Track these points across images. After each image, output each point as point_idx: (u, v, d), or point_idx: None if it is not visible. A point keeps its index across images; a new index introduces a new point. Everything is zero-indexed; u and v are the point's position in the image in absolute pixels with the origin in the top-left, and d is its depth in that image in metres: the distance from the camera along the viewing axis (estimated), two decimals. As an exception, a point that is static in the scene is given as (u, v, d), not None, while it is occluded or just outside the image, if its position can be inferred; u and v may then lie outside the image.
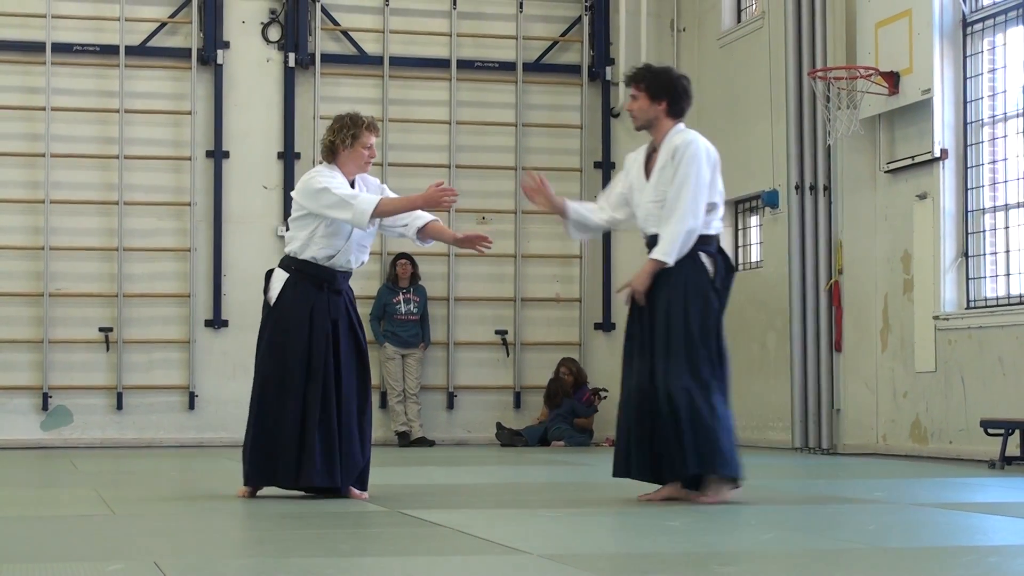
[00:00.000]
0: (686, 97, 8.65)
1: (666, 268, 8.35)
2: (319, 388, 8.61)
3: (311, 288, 8.70)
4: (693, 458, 8.20)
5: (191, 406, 16.13)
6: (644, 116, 8.59)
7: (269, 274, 8.90)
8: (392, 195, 8.95)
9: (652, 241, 8.46)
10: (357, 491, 8.67)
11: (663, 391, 8.22)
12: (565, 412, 16.31)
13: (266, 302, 8.81)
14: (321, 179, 8.60)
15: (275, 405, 8.63)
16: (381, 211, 8.62)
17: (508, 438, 16.23)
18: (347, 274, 8.87)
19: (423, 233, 8.96)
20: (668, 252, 8.33)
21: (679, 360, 8.28)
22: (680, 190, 8.32)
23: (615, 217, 8.85)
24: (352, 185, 8.80)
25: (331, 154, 8.82)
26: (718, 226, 8.48)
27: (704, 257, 8.41)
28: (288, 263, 8.77)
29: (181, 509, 8.30)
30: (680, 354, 8.29)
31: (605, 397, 16.42)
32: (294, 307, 8.68)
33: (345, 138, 8.77)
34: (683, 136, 8.53)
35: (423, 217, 8.96)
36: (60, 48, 16.06)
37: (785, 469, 12.25)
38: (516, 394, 16.90)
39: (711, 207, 8.39)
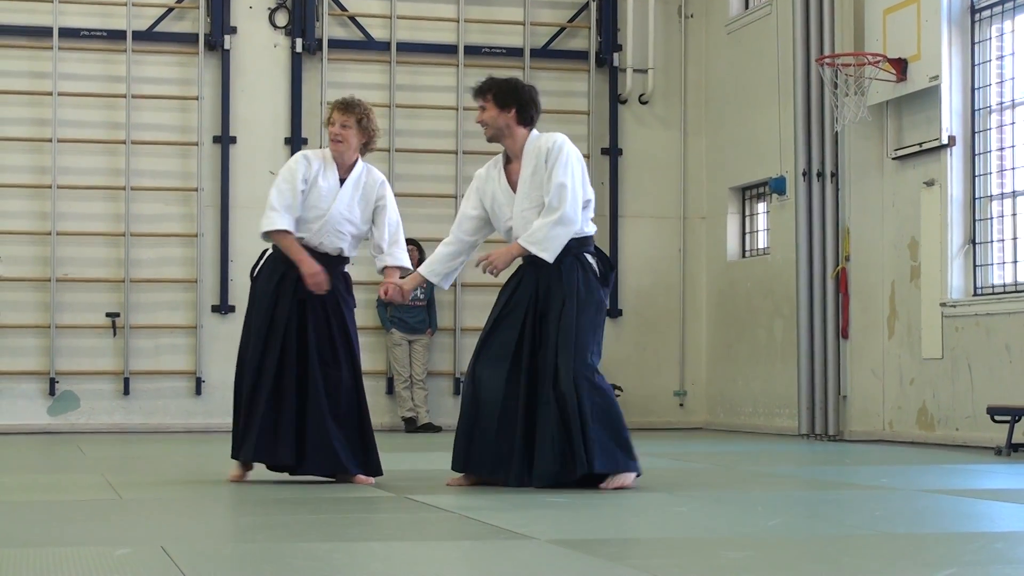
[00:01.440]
0: (533, 105, 8.63)
1: (556, 269, 8.36)
2: (274, 363, 8.74)
3: (282, 266, 8.87)
4: (601, 456, 8.22)
5: (198, 391, 16.14)
6: (495, 125, 8.59)
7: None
8: (390, 197, 9.12)
9: None
10: (363, 477, 8.70)
11: (570, 393, 8.19)
12: None
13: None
14: (282, 175, 8.89)
15: (239, 380, 8.89)
16: (275, 240, 8.88)
17: (514, 424, 16.22)
18: (325, 256, 8.89)
19: (381, 271, 9.19)
20: (545, 246, 8.30)
21: (581, 363, 8.26)
22: (561, 191, 8.32)
23: (477, 242, 8.86)
24: (348, 173, 8.94)
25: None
26: (593, 227, 8.56)
27: (589, 258, 8.46)
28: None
29: (188, 494, 8.32)
30: (580, 357, 8.27)
31: (619, 395, 16.40)
32: (262, 283, 8.93)
33: (328, 118, 9.05)
34: (549, 138, 8.53)
35: (389, 259, 9.12)
36: (67, 33, 16.05)
37: (791, 456, 12.26)
38: (523, 380, 16.89)
39: (585, 204, 8.45)
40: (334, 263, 8.98)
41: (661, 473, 10.18)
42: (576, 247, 8.43)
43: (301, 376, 8.76)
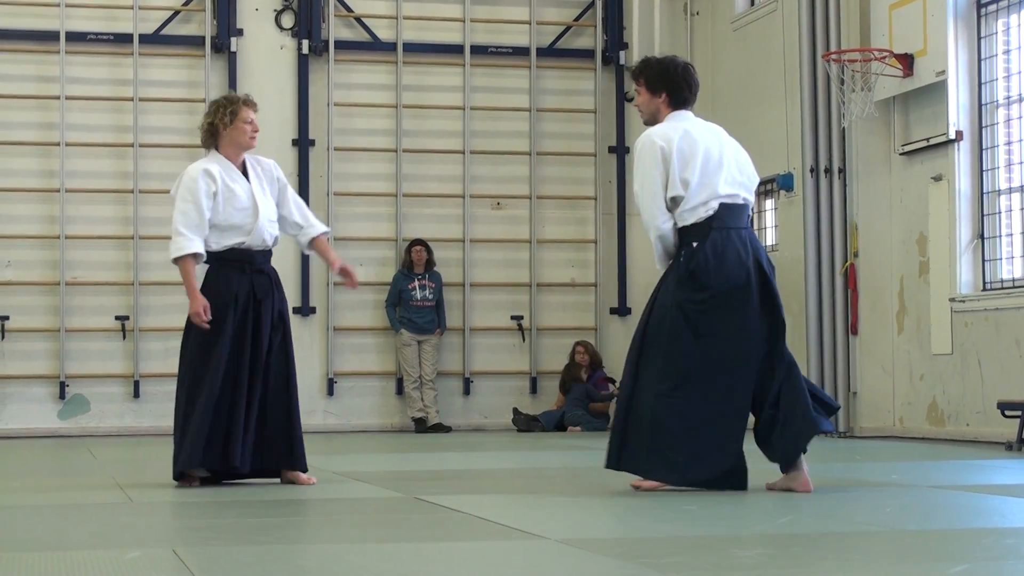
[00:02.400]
0: (686, 86, 8.38)
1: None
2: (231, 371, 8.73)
3: (233, 272, 8.82)
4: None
5: (208, 393, 16.14)
6: (647, 110, 8.42)
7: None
8: (262, 187, 8.89)
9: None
10: (304, 476, 8.73)
11: (629, 391, 8.15)
12: (579, 396, 16.32)
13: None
14: (181, 196, 8.79)
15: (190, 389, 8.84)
16: (181, 265, 8.83)
17: (525, 423, 16.25)
18: (264, 253, 8.92)
19: (310, 246, 9.09)
20: (656, 261, 8.30)
21: (632, 360, 8.16)
22: (637, 200, 8.20)
23: None
24: (244, 168, 8.85)
25: (211, 137, 8.88)
26: (701, 213, 8.07)
27: (682, 249, 8.16)
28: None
29: (199, 496, 8.32)
30: (633, 354, 8.17)
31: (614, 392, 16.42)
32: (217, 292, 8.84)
33: (223, 116, 8.81)
34: (641, 137, 8.31)
35: (315, 229, 9.01)
36: (74, 37, 16.07)
37: (802, 452, 12.23)
38: (532, 379, 16.90)
39: (675, 201, 8.10)
40: (269, 256, 8.97)
41: (671, 471, 10.17)
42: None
43: (252, 378, 8.74)
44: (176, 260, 8.78)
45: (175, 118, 16.33)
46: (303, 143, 16.42)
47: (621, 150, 17.23)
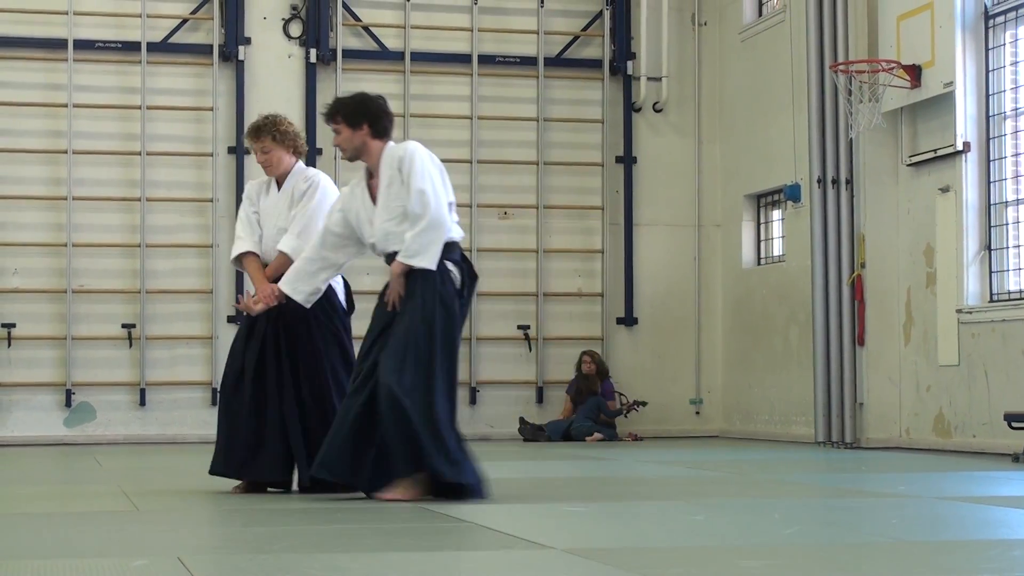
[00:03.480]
0: (385, 116, 8.48)
1: (416, 273, 8.13)
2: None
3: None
4: (404, 459, 8.03)
5: (214, 402, 16.15)
6: (351, 146, 8.42)
7: None
8: (317, 193, 9.04)
9: (392, 258, 8.22)
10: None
11: (387, 392, 8.03)
12: (592, 409, 16.27)
13: None
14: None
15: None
16: (243, 265, 9.32)
17: (531, 433, 16.23)
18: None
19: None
20: (422, 256, 8.07)
21: (413, 366, 8.09)
22: (422, 196, 8.10)
23: (341, 260, 8.62)
24: (278, 185, 9.19)
25: None
26: (459, 231, 8.28)
27: (451, 266, 8.19)
28: None
29: (204, 505, 8.32)
30: (418, 361, 8.11)
31: (640, 409, 16.38)
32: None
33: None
34: (402, 147, 8.31)
35: (280, 244, 9.08)
36: (82, 45, 16.09)
37: (808, 463, 12.24)
38: (539, 389, 16.89)
39: (449, 206, 8.21)
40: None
41: (677, 481, 10.18)
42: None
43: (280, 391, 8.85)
44: (234, 261, 9.43)
45: (183, 126, 16.34)
46: (311, 151, 16.40)
47: (628, 160, 17.23)
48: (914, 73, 13.50)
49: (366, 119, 8.41)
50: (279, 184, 9.17)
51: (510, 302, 17.01)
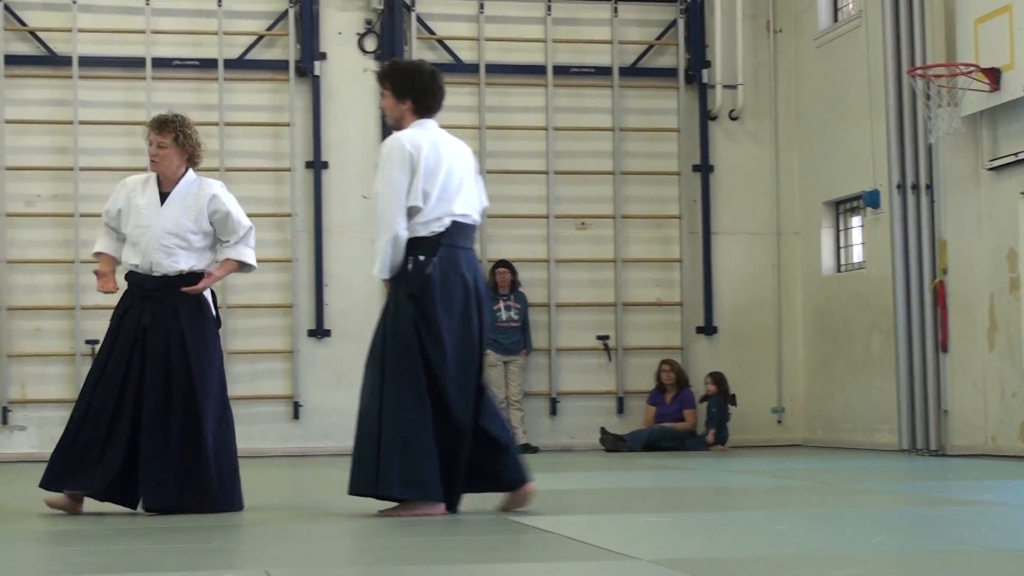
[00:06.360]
0: (431, 94, 8.32)
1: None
2: (111, 395, 8.61)
3: (128, 296, 8.83)
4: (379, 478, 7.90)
5: (295, 415, 16.24)
6: (392, 115, 8.35)
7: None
8: (228, 206, 8.89)
9: None
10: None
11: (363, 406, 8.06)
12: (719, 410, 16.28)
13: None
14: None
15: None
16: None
17: (612, 443, 16.20)
18: (164, 279, 8.78)
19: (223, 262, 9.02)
20: (376, 263, 8.01)
21: (369, 373, 8.04)
22: (375, 200, 8.01)
23: None
24: (173, 186, 8.89)
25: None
26: (434, 227, 8.01)
27: (409, 261, 8.00)
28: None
29: (289, 518, 8.35)
30: (371, 366, 8.05)
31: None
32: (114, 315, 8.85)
33: (145, 140, 9.06)
34: (390, 137, 8.21)
35: (230, 252, 8.95)
36: (160, 63, 16.23)
37: (892, 471, 12.15)
38: (619, 399, 16.86)
39: (411, 211, 7.98)
40: (174, 284, 8.82)
41: (760, 490, 10.13)
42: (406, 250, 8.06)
43: (136, 407, 8.60)
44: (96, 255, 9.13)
45: (260, 142, 16.44)
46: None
47: (705, 168, 17.18)
48: (993, 76, 13.39)
49: (411, 94, 8.30)
50: (162, 185, 8.88)
51: (589, 313, 16.99)
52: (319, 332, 16.34)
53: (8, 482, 11.75)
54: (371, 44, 16.72)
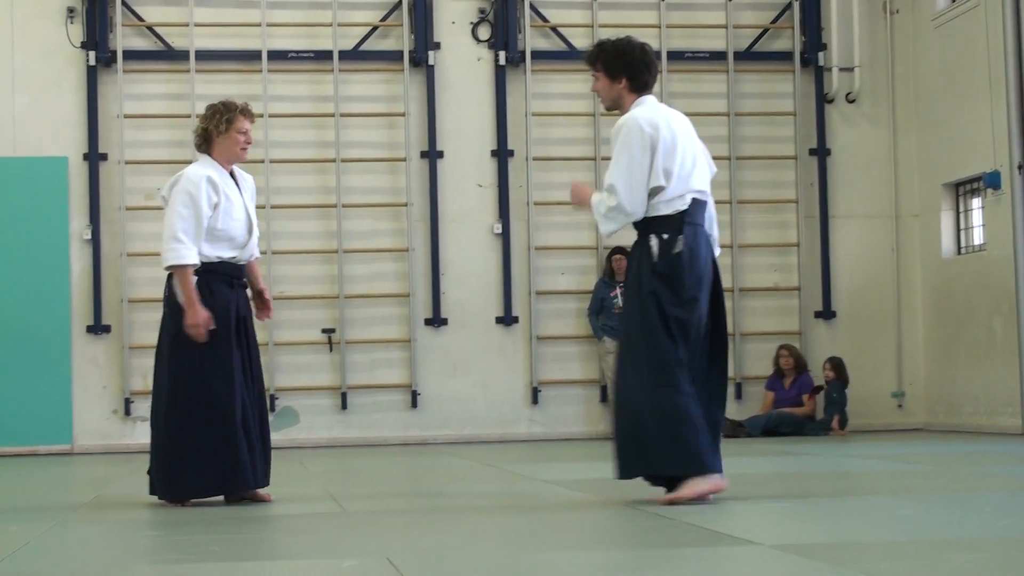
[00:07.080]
0: (646, 70, 8.13)
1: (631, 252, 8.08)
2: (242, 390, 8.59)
3: (223, 285, 8.64)
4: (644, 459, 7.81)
5: (414, 404, 16.32)
6: (608, 96, 8.20)
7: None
8: (250, 203, 8.75)
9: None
10: (261, 492, 8.66)
11: (615, 390, 7.99)
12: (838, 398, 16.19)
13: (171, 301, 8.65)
14: (181, 200, 8.45)
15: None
16: (177, 275, 8.47)
17: (731, 428, 16.12)
18: (241, 268, 8.76)
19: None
20: (605, 226, 8.03)
21: (624, 357, 7.95)
22: (618, 182, 7.86)
23: None
24: (233, 176, 8.72)
25: (205, 142, 8.72)
26: (677, 205, 7.90)
27: (653, 240, 7.94)
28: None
29: (409, 506, 8.40)
30: (625, 350, 7.96)
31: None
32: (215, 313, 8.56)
33: (219, 124, 8.67)
34: (625, 116, 8.04)
35: (251, 252, 8.79)
36: (275, 56, 16.36)
37: (1016, 455, 11.99)
38: (737, 384, 16.77)
39: (654, 191, 7.88)
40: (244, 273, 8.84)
41: (882, 475, 10.05)
42: (643, 228, 8.03)
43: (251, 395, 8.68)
44: (174, 268, 8.49)
45: (376, 132, 16.53)
46: (502, 154, 16.52)
47: (822, 152, 17.03)
48: (1116, 53, 13.18)
49: (625, 72, 8.14)
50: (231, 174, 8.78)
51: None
52: (436, 321, 16.41)
53: (134, 471, 11.92)
54: (484, 33, 16.74)
